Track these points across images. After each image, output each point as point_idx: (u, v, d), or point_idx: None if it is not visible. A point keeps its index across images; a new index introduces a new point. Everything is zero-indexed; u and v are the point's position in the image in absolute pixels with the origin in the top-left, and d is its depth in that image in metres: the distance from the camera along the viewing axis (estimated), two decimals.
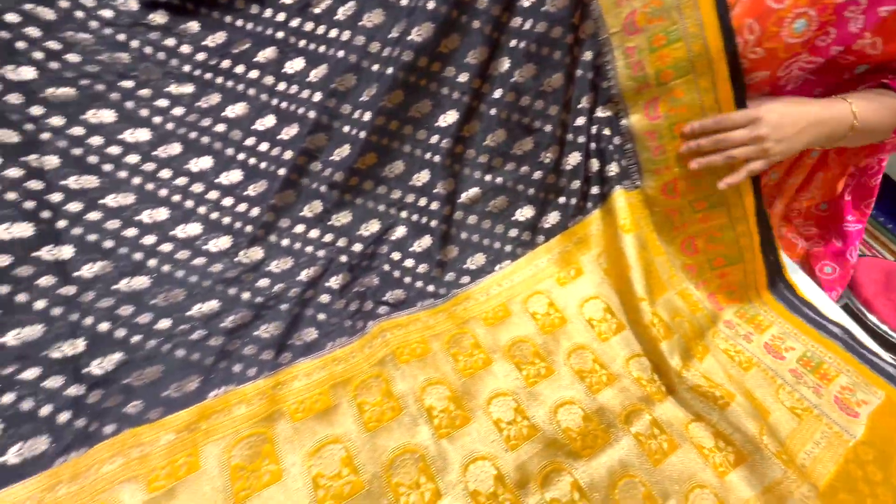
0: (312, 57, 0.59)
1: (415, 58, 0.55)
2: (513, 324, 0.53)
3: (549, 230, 0.59)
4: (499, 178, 0.59)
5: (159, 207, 0.53)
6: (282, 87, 0.60)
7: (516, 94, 0.58)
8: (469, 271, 0.56)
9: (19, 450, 0.37)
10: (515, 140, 0.59)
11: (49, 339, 0.42)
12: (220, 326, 0.48)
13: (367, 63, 0.57)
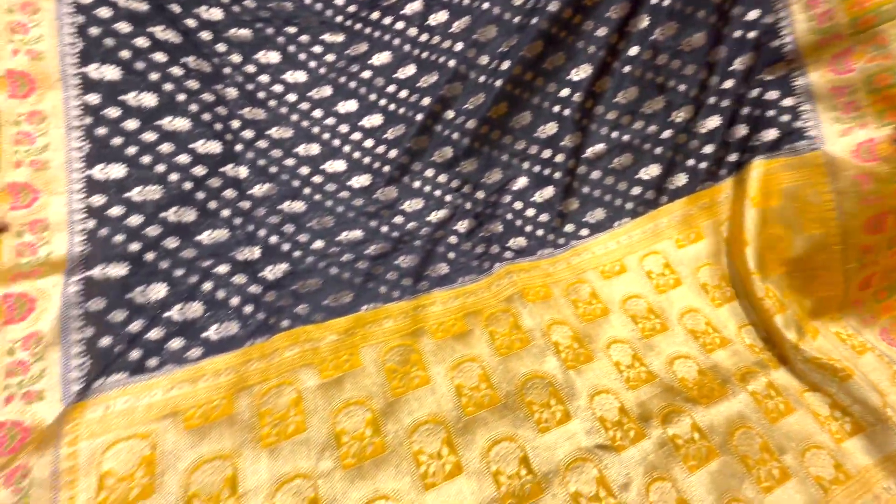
0: (456, 9, 0.62)
1: (559, 9, 0.57)
2: (628, 279, 0.55)
3: (674, 191, 0.59)
4: (626, 135, 0.60)
5: (312, 143, 0.59)
6: (424, 37, 0.63)
7: (654, 51, 0.59)
8: (588, 224, 0.58)
9: (217, 329, 0.44)
10: (646, 98, 0.60)
11: (233, 244, 0.48)
12: (365, 253, 0.54)
13: (508, 15, 0.60)
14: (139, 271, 0.43)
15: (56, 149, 0.44)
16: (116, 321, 0.41)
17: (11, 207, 0.40)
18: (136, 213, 0.45)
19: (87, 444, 0.36)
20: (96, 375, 0.38)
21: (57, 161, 0.43)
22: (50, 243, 0.41)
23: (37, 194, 0.42)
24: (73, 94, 0.45)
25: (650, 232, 0.58)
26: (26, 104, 0.43)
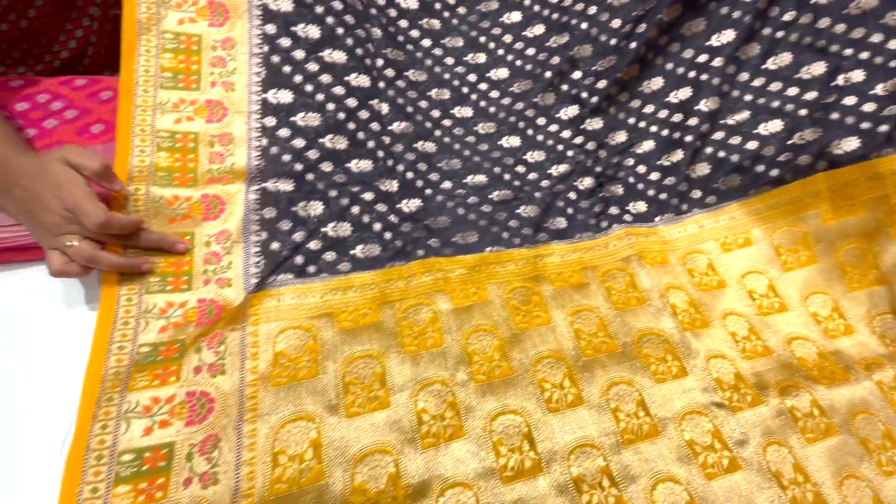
0: None
1: None
2: (751, 254, 0.54)
3: (838, 158, 0.53)
4: (775, 101, 0.57)
5: (443, 88, 0.61)
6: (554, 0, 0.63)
7: (814, 15, 0.55)
8: (718, 191, 0.57)
9: (362, 249, 0.49)
10: (803, 64, 0.56)
11: (375, 174, 0.53)
12: (489, 197, 0.56)
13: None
14: (302, 188, 0.48)
15: (241, 73, 0.49)
16: (283, 230, 0.47)
17: (207, 121, 0.46)
18: (300, 136, 0.50)
19: (265, 327, 0.42)
20: (269, 273, 0.44)
21: (241, 84, 0.49)
22: (234, 155, 0.47)
23: (226, 112, 0.47)
24: (256, 24, 0.50)
25: (795, 202, 0.55)
26: (221, 31, 0.49)
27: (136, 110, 0.44)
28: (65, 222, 0.38)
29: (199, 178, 0.45)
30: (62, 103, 0.51)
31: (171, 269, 0.42)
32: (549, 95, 0.62)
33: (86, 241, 0.38)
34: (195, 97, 0.47)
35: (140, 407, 0.36)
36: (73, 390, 0.35)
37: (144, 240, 0.41)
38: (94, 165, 0.39)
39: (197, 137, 0.46)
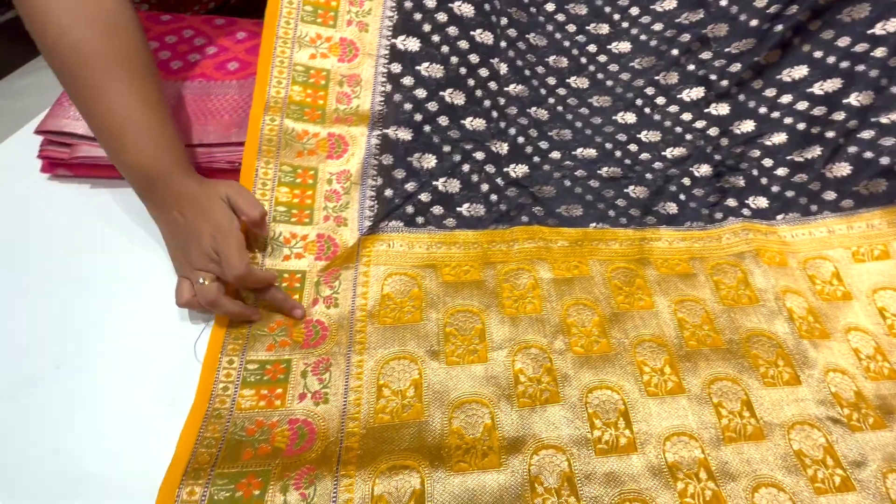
0: None
1: None
2: (887, 267, 0.49)
3: None
4: None
5: (561, 56, 0.59)
6: None
7: None
8: (858, 195, 0.52)
9: (468, 208, 0.49)
10: None
11: (488, 134, 0.52)
12: (598, 172, 0.54)
13: None
14: (419, 139, 0.49)
15: (375, 14, 0.49)
16: (398, 178, 0.47)
17: (339, 60, 0.47)
18: (422, 86, 0.50)
19: (375, 269, 0.43)
20: (381, 218, 0.46)
21: (374, 26, 0.49)
22: (360, 98, 0.48)
23: (357, 52, 0.48)
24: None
25: None
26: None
27: (277, 41, 0.46)
28: (207, 261, 0.37)
29: (326, 115, 0.46)
30: (203, 40, 0.54)
31: (295, 201, 0.44)
32: (673, 74, 0.58)
33: (216, 282, 0.37)
34: (331, 34, 0.48)
35: (266, 326, 0.38)
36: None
37: (271, 296, 0.40)
38: (255, 215, 0.39)
39: (328, 75, 0.47)
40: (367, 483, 0.32)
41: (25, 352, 0.37)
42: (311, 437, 0.34)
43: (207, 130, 0.46)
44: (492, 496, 0.33)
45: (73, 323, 0.39)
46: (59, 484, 0.32)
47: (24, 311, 0.39)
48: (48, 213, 0.45)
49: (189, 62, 0.52)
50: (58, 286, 0.41)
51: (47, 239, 0.44)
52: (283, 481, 0.31)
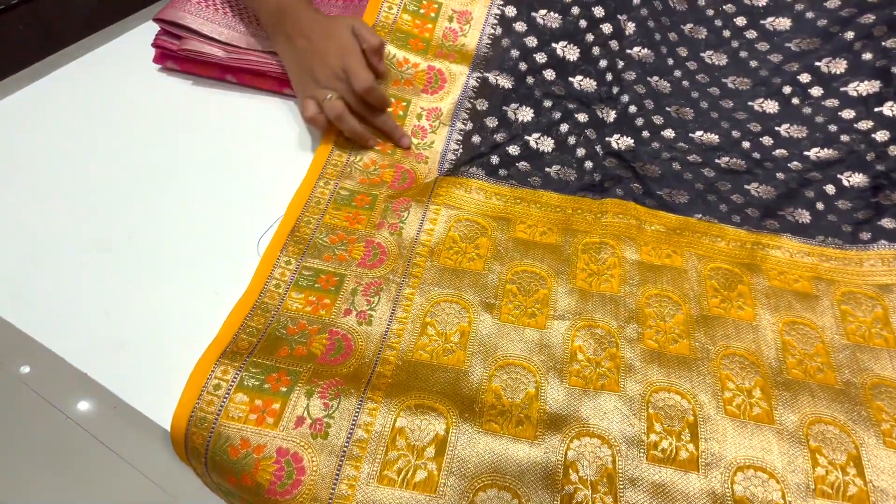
0: None
1: None
2: None
3: None
4: None
5: (700, 25, 0.51)
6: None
7: None
8: None
9: (558, 171, 0.45)
10: None
11: (595, 97, 0.47)
12: (715, 161, 0.47)
13: None
14: (519, 89, 0.46)
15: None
16: (489, 126, 0.45)
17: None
18: (534, 34, 0.47)
19: (446, 211, 0.41)
20: (463, 162, 0.44)
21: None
22: (466, 36, 0.46)
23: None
24: None
25: None
26: None
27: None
28: (334, 79, 0.42)
29: (430, 48, 0.45)
30: None
31: None
32: (840, 62, 0.48)
33: (341, 100, 0.41)
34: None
35: (328, 237, 0.38)
36: (285, 192, 0.40)
37: (383, 122, 0.44)
38: (375, 42, 0.43)
39: (440, 9, 0.45)
40: (391, 413, 0.31)
41: (107, 218, 0.41)
42: (346, 352, 0.33)
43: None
44: (517, 466, 0.30)
45: (154, 199, 0.42)
46: (104, 345, 0.34)
47: (107, 180, 0.43)
48: (149, 101, 0.49)
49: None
50: (146, 162, 0.44)
51: (142, 121, 0.47)
52: (310, 386, 0.31)
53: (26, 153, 0.44)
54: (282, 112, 0.48)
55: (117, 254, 0.39)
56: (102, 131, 0.46)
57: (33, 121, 0.47)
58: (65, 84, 0.50)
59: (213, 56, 0.46)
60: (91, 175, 0.43)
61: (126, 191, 0.43)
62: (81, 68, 0.52)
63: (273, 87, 0.48)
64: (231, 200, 0.42)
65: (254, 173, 0.44)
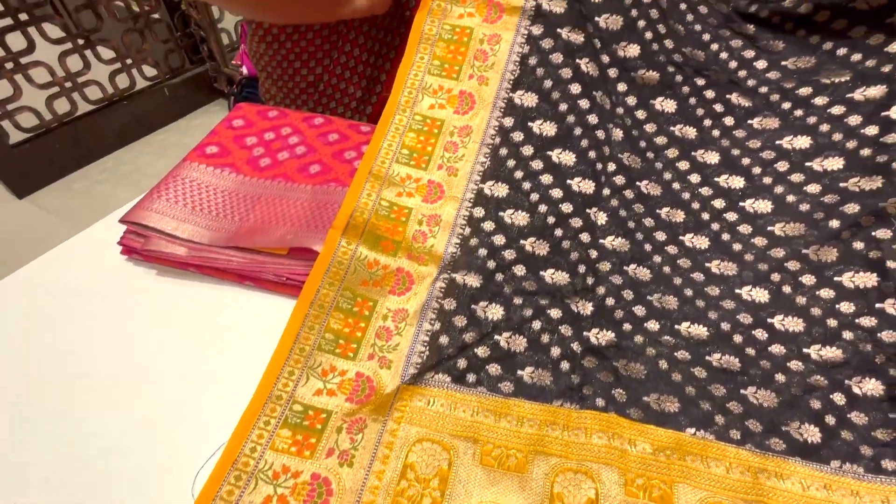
0: None
1: None
2: None
3: None
4: None
5: (677, 209, 0.51)
6: (871, 130, 0.48)
7: None
8: None
9: (531, 373, 0.42)
10: None
11: (569, 290, 0.46)
12: (706, 359, 0.43)
13: None
14: (488, 287, 0.45)
15: (468, 160, 0.49)
16: (457, 325, 0.44)
17: (424, 199, 0.48)
18: (502, 232, 0.47)
19: (405, 429, 0.39)
20: (428, 367, 0.42)
21: (464, 171, 0.49)
22: (436, 237, 0.47)
23: (442, 194, 0.48)
24: (496, 116, 0.51)
25: None
26: (463, 119, 0.50)
27: (369, 177, 0.48)
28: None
29: (400, 249, 0.46)
30: (297, 139, 0.58)
31: (346, 331, 0.43)
32: (831, 251, 0.46)
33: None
34: (420, 175, 0.49)
35: (271, 471, 0.36)
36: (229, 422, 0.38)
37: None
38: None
39: (410, 213, 0.47)
40: None
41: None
42: None
43: (267, 238, 0.48)
44: None
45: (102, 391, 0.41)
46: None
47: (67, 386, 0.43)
48: (114, 288, 0.50)
49: (277, 161, 0.56)
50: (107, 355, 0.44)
51: (102, 306, 0.48)
52: None
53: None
54: (239, 303, 0.49)
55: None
56: (65, 328, 0.47)
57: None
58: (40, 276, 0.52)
59: (174, 255, 0.48)
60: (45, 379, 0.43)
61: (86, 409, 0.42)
62: (48, 262, 0.54)
63: (233, 278, 0.50)
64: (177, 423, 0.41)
65: (210, 373, 0.44)
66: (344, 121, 0.62)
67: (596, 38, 0.53)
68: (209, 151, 0.57)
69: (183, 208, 0.49)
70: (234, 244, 0.47)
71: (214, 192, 0.52)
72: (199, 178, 0.52)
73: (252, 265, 0.47)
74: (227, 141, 0.59)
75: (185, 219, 0.49)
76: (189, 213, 0.49)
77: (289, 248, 0.46)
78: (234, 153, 0.57)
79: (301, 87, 0.69)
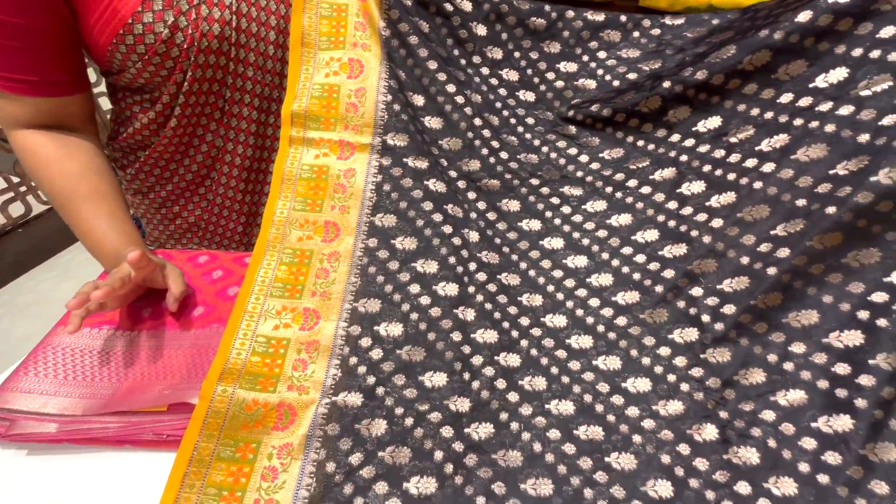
0: (717, 182, 0.56)
1: (874, 201, 0.45)
2: None
3: None
4: None
5: (536, 293, 0.58)
6: (673, 205, 0.58)
7: None
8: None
9: (417, 482, 0.44)
10: None
11: (448, 391, 0.49)
12: (573, 433, 0.48)
13: (789, 197, 0.50)
14: (369, 404, 0.48)
15: (339, 283, 0.54)
16: (342, 449, 0.45)
17: (301, 328, 0.51)
18: (379, 346, 0.51)
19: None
20: (317, 500, 0.43)
21: (336, 293, 0.53)
22: (316, 363, 0.49)
23: (318, 319, 0.51)
24: (361, 238, 0.56)
25: None
26: (330, 246, 0.55)
27: (244, 316, 0.50)
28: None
29: (279, 383, 0.48)
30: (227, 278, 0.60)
31: (229, 481, 0.43)
32: (661, 312, 0.54)
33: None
34: (295, 304, 0.52)
35: None
36: None
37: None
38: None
39: (288, 343, 0.50)
40: None
41: None
42: None
43: (144, 398, 0.48)
44: None
45: None
46: None
47: None
48: None
49: (160, 308, 0.56)
50: None
51: None
52: None
53: None
54: (123, 467, 0.47)
55: None
56: None
57: None
58: None
59: (45, 434, 0.46)
60: None
61: None
62: None
63: (109, 444, 0.48)
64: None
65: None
66: (229, 254, 0.64)
67: (442, 158, 0.61)
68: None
69: (53, 381, 0.48)
70: (111, 410, 0.46)
71: (90, 356, 0.51)
72: (73, 343, 0.52)
73: (129, 428, 0.46)
74: None
75: (56, 392, 0.48)
76: (60, 385, 0.48)
77: (168, 405, 0.47)
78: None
79: (183, 229, 0.71)
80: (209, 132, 0.66)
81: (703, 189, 0.57)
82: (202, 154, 0.68)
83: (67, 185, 0.58)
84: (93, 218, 0.58)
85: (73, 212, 0.59)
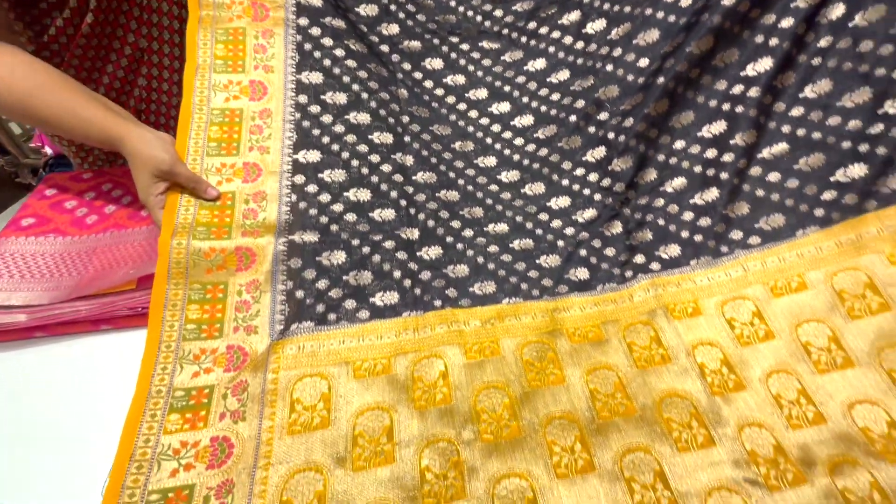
0: (616, 17, 0.63)
1: (734, 3, 0.55)
2: (807, 299, 0.49)
3: (889, 196, 0.50)
4: (816, 132, 0.53)
5: (467, 140, 0.63)
6: (580, 45, 0.64)
7: (853, 39, 0.52)
8: (762, 232, 0.53)
9: (382, 297, 0.51)
10: (845, 91, 0.52)
11: (397, 223, 0.55)
12: (510, 246, 0.56)
13: (674, 17, 0.58)
14: (326, 239, 0.52)
15: (275, 138, 0.54)
16: (308, 278, 0.50)
17: (244, 181, 0.51)
18: (326, 191, 0.54)
19: (285, 374, 0.45)
20: (292, 320, 0.47)
21: (275, 147, 0.54)
22: (266, 211, 0.51)
23: (260, 172, 0.52)
24: (290, 96, 0.56)
25: (850, 244, 0.50)
26: (260, 104, 0.54)
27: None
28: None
29: (233, 231, 0.49)
30: (121, 191, 0.59)
31: (206, 317, 0.46)
32: (575, 139, 0.62)
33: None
34: (234, 161, 0.52)
35: (171, 450, 0.39)
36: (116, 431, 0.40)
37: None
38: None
39: (234, 196, 0.51)
40: None
41: None
42: None
43: (111, 279, 0.49)
44: None
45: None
46: None
47: None
48: None
49: (105, 214, 0.56)
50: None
51: None
52: None
53: None
54: (102, 348, 0.49)
55: None
56: None
57: None
58: None
59: (15, 324, 0.46)
60: None
61: None
62: None
63: (86, 329, 0.49)
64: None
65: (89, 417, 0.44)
66: None
67: (360, 24, 0.61)
68: (25, 224, 0.54)
69: (10, 280, 0.46)
70: (78, 295, 0.46)
71: (42, 258, 0.49)
72: (21, 250, 0.50)
73: (103, 307, 0.46)
74: (42, 210, 0.57)
75: (16, 288, 0.46)
76: (19, 283, 0.46)
77: (136, 282, 0.47)
78: (54, 219, 0.56)
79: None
80: (130, 32, 0.60)
81: (605, 26, 0.62)
82: (126, 58, 0.62)
83: (28, 83, 0.50)
84: (68, 101, 0.51)
85: (44, 105, 0.50)
